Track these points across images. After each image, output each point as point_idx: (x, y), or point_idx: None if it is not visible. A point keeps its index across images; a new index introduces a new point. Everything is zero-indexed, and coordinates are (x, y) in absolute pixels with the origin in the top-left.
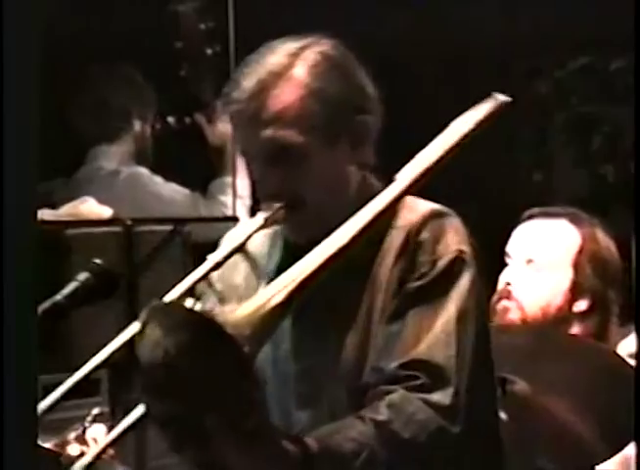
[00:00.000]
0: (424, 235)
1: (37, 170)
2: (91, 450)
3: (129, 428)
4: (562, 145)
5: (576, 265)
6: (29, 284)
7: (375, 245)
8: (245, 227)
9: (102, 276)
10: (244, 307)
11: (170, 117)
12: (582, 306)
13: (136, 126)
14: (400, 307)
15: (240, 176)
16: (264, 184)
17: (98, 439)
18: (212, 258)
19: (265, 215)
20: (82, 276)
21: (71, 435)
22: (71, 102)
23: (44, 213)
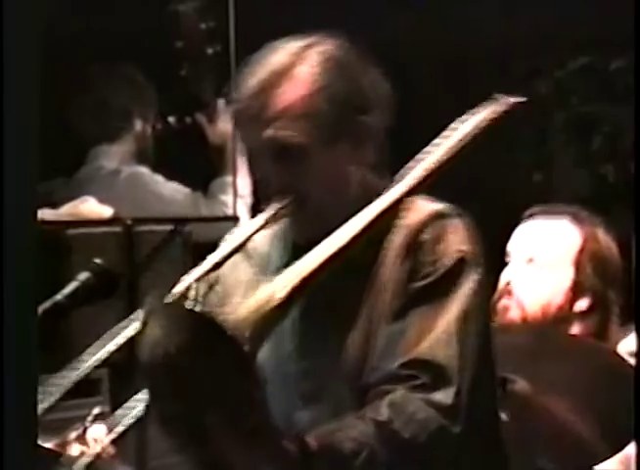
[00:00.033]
0: (425, 236)
1: (37, 170)
2: (92, 450)
3: (130, 427)
4: (562, 145)
5: (577, 265)
6: (30, 284)
7: (377, 245)
8: (246, 227)
9: (102, 276)
10: (244, 307)
11: (171, 117)
12: (583, 306)
13: (137, 126)
14: (402, 307)
15: (240, 175)
16: (266, 182)
17: (99, 439)
18: (212, 257)
19: (265, 216)
20: (83, 276)
21: (72, 435)
22: (72, 102)
23: (44, 213)
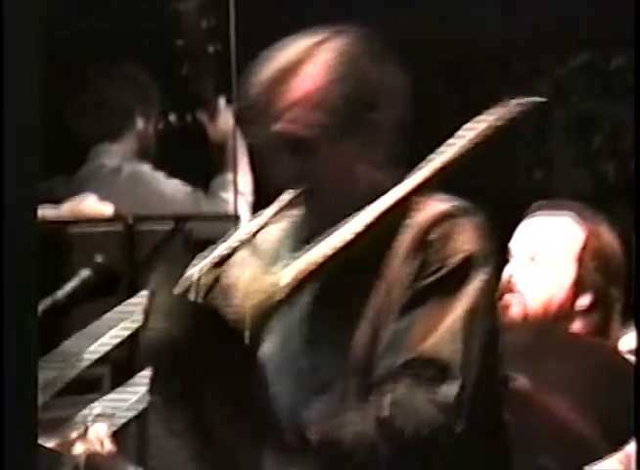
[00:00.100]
0: (434, 235)
1: (38, 168)
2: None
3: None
4: (562, 143)
5: (580, 262)
6: (30, 282)
7: (386, 243)
8: (252, 222)
9: (103, 274)
10: (246, 298)
11: (172, 115)
12: (585, 303)
13: (139, 125)
14: (409, 305)
15: (241, 173)
16: (275, 176)
17: (100, 437)
18: (219, 250)
19: (272, 210)
20: (83, 274)
21: (74, 433)
22: (72, 102)
23: (45, 211)
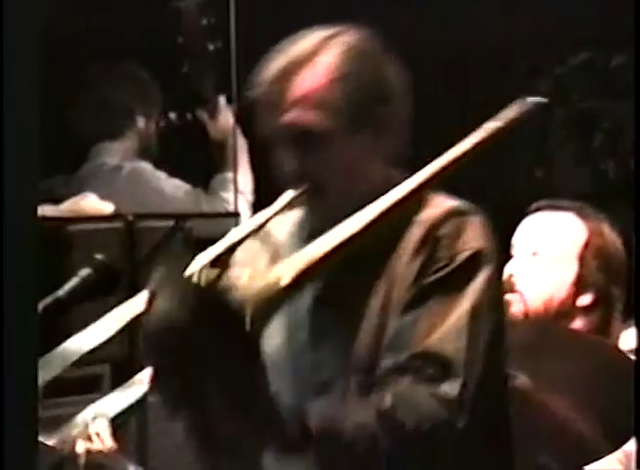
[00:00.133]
0: (442, 231)
1: (38, 166)
2: (94, 446)
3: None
4: (562, 142)
5: (581, 259)
6: (30, 280)
7: (393, 240)
8: (262, 213)
9: (103, 272)
10: (250, 288)
11: (172, 113)
12: (586, 301)
13: (139, 123)
14: (415, 300)
15: (242, 172)
16: (281, 170)
17: (101, 434)
18: (227, 240)
19: (281, 202)
20: (83, 272)
21: (74, 431)
22: (72, 102)
23: (45, 209)
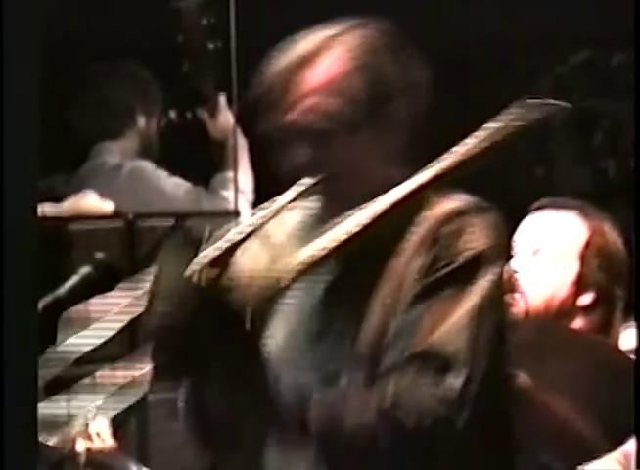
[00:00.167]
0: (446, 230)
1: (38, 166)
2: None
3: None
4: (563, 141)
5: (583, 259)
6: (30, 279)
7: (398, 237)
8: (263, 211)
9: (103, 270)
10: (251, 286)
11: (172, 112)
12: (587, 300)
13: (140, 122)
14: (417, 299)
15: (242, 171)
16: (297, 160)
17: (101, 433)
18: (228, 239)
19: (283, 200)
20: (84, 270)
21: (75, 430)
22: (73, 102)
23: (45, 208)
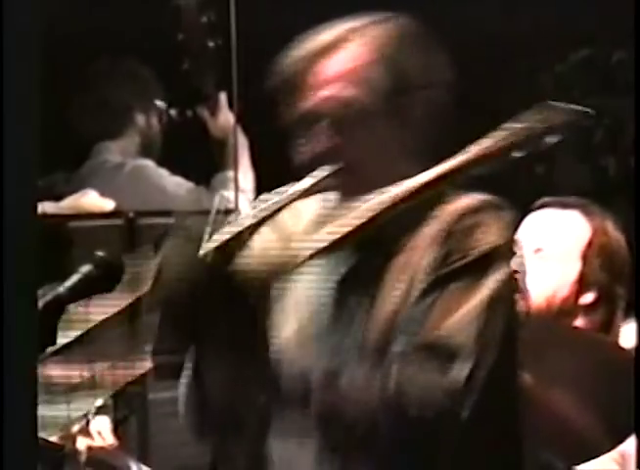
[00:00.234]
0: (460, 226)
1: (38, 165)
2: (95, 442)
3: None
4: (563, 139)
5: (585, 258)
6: (31, 277)
7: (412, 231)
8: (277, 198)
9: (104, 268)
10: (258, 269)
11: (172, 111)
12: (588, 299)
13: (140, 121)
14: (428, 291)
15: (242, 171)
16: (315, 150)
17: (102, 431)
18: (241, 222)
19: (298, 187)
20: (84, 269)
21: (75, 428)
22: (73, 102)
23: (46, 206)
